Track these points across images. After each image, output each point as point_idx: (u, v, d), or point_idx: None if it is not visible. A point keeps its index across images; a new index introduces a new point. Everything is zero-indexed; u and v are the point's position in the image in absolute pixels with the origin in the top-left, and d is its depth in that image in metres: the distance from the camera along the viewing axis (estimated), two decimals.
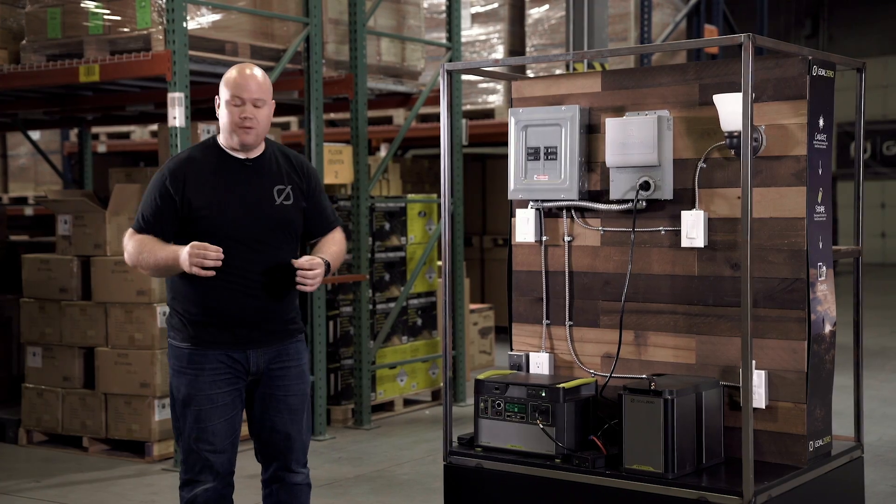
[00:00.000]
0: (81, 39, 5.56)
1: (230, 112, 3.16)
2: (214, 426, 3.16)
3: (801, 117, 3.35)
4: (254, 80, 3.17)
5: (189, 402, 3.16)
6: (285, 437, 3.26)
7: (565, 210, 3.79)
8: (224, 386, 3.17)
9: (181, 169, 3.16)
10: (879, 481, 4.73)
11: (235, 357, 3.17)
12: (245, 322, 3.16)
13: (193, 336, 3.16)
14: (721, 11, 9.85)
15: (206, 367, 3.15)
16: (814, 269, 3.38)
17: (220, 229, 3.11)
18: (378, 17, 6.60)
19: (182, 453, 3.21)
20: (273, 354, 3.22)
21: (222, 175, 3.17)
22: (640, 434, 3.27)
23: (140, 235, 3.14)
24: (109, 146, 10.69)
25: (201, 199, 3.12)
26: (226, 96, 3.17)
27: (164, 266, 3.10)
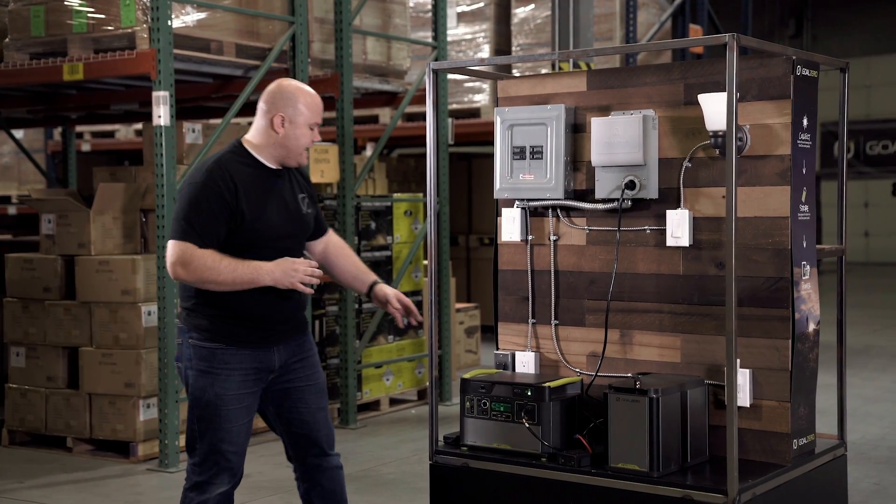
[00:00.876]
0: (65, 38, 5.53)
1: (306, 134, 3.18)
2: (239, 427, 3.15)
3: (785, 117, 3.37)
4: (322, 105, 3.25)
5: (218, 402, 3.12)
6: (315, 425, 3.31)
7: (551, 209, 3.80)
8: (252, 386, 3.18)
9: (231, 178, 3.09)
10: (862, 479, 4.76)
11: (262, 356, 3.18)
12: (278, 321, 3.20)
13: (224, 335, 3.13)
14: (706, 11, 9.88)
15: (236, 367, 3.14)
16: (798, 268, 3.40)
17: (262, 238, 3.13)
18: (364, 15, 6.60)
19: (200, 455, 3.14)
20: (293, 348, 3.27)
21: (262, 185, 3.17)
22: (625, 433, 3.28)
23: (203, 251, 3.02)
24: (94, 145, 10.64)
25: (251, 209, 3.11)
26: (306, 119, 3.18)
27: (243, 283, 3.06)
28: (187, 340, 3.17)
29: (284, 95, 3.17)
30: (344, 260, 3.43)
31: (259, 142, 3.19)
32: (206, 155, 5.50)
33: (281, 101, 3.17)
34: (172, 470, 5.11)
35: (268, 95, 3.20)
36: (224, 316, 3.14)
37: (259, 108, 3.21)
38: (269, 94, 3.20)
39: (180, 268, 3.03)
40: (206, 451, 3.14)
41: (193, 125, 5.74)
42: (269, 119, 3.17)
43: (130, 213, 5.72)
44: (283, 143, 3.17)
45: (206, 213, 3.04)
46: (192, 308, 3.17)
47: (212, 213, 3.04)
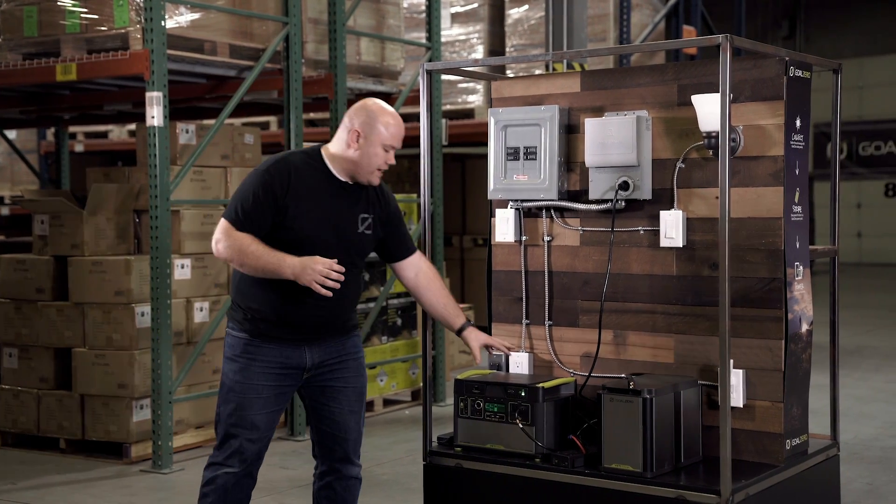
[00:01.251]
0: (58, 38, 5.51)
1: (379, 154, 3.23)
2: (254, 416, 3.24)
3: (778, 118, 3.37)
4: (403, 130, 3.29)
5: (235, 388, 3.24)
6: (343, 428, 3.36)
7: (545, 210, 3.80)
8: (272, 380, 3.25)
9: (287, 173, 3.18)
10: (855, 479, 4.77)
11: (289, 353, 3.25)
12: (306, 325, 3.26)
13: (252, 329, 3.24)
14: (699, 12, 9.90)
15: (258, 359, 3.24)
16: (791, 268, 3.41)
17: (303, 243, 3.18)
18: (358, 16, 6.59)
19: (218, 437, 3.29)
20: (329, 348, 3.31)
21: (320, 191, 3.23)
22: (618, 433, 3.28)
23: (241, 234, 3.15)
24: (87, 146, 10.61)
25: (297, 208, 3.18)
26: (383, 140, 3.23)
27: (267, 271, 3.13)
28: (227, 331, 3.33)
29: (367, 113, 3.24)
30: (433, 294, 3.47)
31: (334, 152, 3.28)
32: (199, 156, 5.49)
33: (362, 118, 3.24)
34: (166, 471, 5.10)
35: (353, 110, 3.28)
36: (257, 311, 3.23)
37: (343, 121, 3.30)
38: (353, 110, 3.28)
39: (217, 244, 3.18)
40: (222, 433, 3.27)
41: (187, 126, 5.73)
42: (347, 133, 3.25)
43: (124, 213, 5.71)
44: (355, 158, 3.24)
45: (253, 200, 3.16)
46: (236, 301, 3.30)
47: (258, 201, 3.15)
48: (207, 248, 5.74)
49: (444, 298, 3.49)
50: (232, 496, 3.27)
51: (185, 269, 5.61)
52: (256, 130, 6.31)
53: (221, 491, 3.25)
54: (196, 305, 5.64)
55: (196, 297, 5.67)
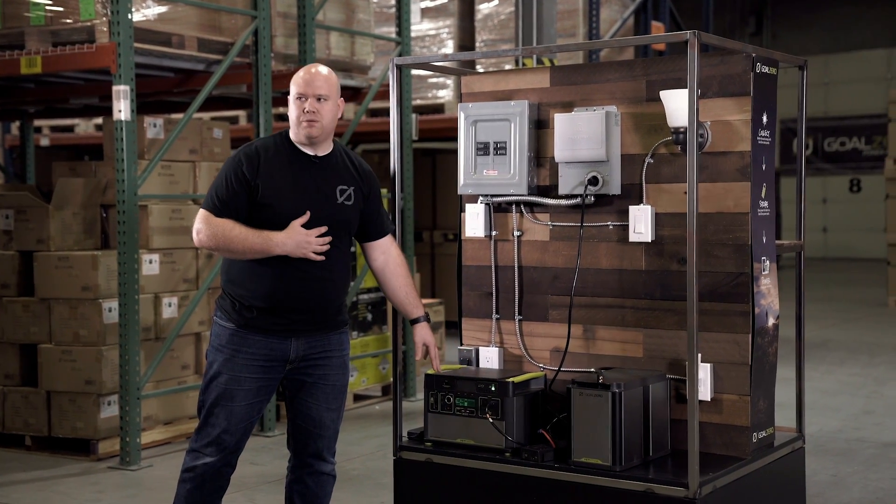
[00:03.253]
0: (23, 30, 5.44)
1: (295, 106, 3.28)
2: (234, 406, 3.25)
3: (745, 113, 3.40)
4: (318, 76, 3.29)
5: (217, 377, 3.26)
6: (319, 424, 3.36)
7: (515, 205, 3.81)
8: (256, 372, 3.25)
9: (255, 155, 3.24)
10: (820, 471, 4.84)
11: (275, 345, 3.25)
12: (296, 310, 3.25)
13: (238, 319, 3.24)
14: (667, 8, 9.96)
15: (242, 350, 3.24)
16: (758, 263, 3.44)
17: (282, 219, 3.20)
18: (327, 10, 6.57)
19: (199, 424, 3.30)
20: (315, 342, 3.31)
21: (290, 168, 3.26)
22: (588, 427, 3.30)
23: (221, 220, 3.18)
24: (53, 139, 10.49)
25: (268, 188, 3.21)
26: (292, 92, 3.30)
27: (254, 251, 3.17)
28: (214, 319, 3.33)
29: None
30: (397, 281, 3.48)
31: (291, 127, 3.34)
32: (167, 150, 5.45)
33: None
34: (134, 468, 5.06)
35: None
36: (247, 298, 3.23)
37: None
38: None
39: (197, 234, 3.22)
40: (202, 421, 3.29)
41: (155, 120, 5.68)
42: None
43: (91, 208, 5.65)
44: (291, 120, 3.30)
45: (227, 186, 3.21)
46: (225, 291, 3.31)
47: (230, 186, 3.20)
48: (176, 243, 5.71)
49: (406, 287, 3.49)
50: (210, 484, 3.29)
51: (154, 264, 5.56)
52: (225, 125, 6.27)
53: (199, 480, 3.27)
54: (164, 301, 5.60)
55: (164, 292, 5.63)
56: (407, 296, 3.49)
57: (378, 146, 10.51)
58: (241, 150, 3.29)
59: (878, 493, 4.50)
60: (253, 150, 3.27)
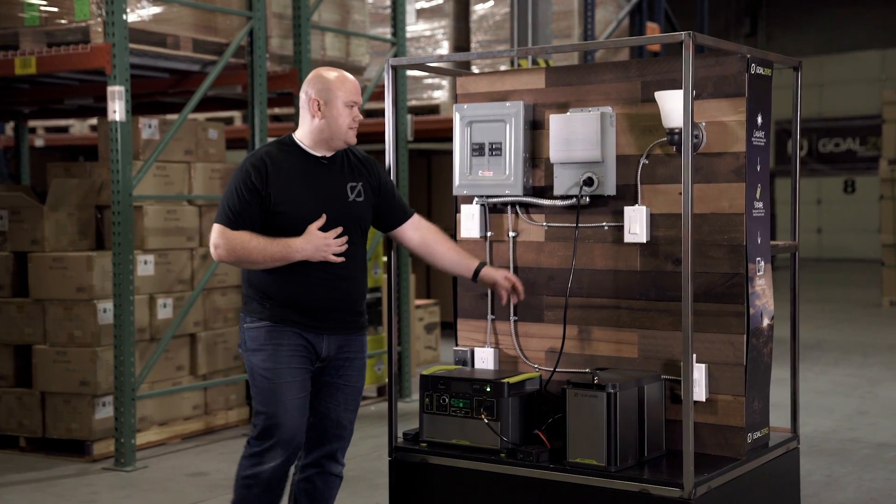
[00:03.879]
0: (17, 31, 5.43)
1: (344, 114, 3.29)
2: (293, 401, 3.24)
3: (740, 114, 3.41)
4: (358, 85, 3.35)
5: (271, 376, 3.23)
6: (337, 425, 3.38)
7: (510, 206, 3.81)
8: (301, 363, 3.27)
9: (262, 164, 3.23)
10: (814, 471, 4.85)
11: (309, 339, 3.27)
12: (320, 310, 3.27)
13: (272, 315, 3.24)
14: (663, 10, 9.97)
15: (283, 343, 3.25)
16: (752, 263, 3.45)
17: (298, 224, 3.21)
18: (322, 11, 6.57)
19: (258, 429, 3.26)
20: (342, 343, 3.33)
21: (301, 172, 3.27)
22: (583, 428, 3.31)
23: (237, 232, 3.18)
24: (47, 140, 10.48)
25: (281, 194, 3.22)
26: (342, 98, 3.28)
27: (275, 259, 3.18)
28: (243, 326, 3.31)
29: (318, 81, 3.30)
30: (444, 245, 3.53)
31: (304, 131, 3.32)
32: (162, 151, 5.45)
33: (314, 87, 3.29)
34: (129, 469, 5.06)
35: (305, 84, 3.33)
36: (273, 300, 3.25)
37: (300, 101, 3.35)
38: (306, 83, 3.32)
39: (215, 249, 3.21)
40: (262, 424, 3.25)
41: (150, 120, 5.67)
42: (307, 107, 3.30)
43: (85, 209, 5.64)
44: (324, 126, 3.28)
45: (239, 197, 3.20)
46: (249, 295, 3.30)
47: (243, 197, 3.20)
48: (171, 243, 5.70)
49: (453, 248, 3.54)
50: (277, 486, 3.29)
51: (149, 265, 5.56)
52: (220, 126, 6.27)
53: (266, 484, 3.26)
54: (159, 302, 5.60)
55: (159, 293, 5.62)
56: (458, 254, 3.54)
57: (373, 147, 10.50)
58: (247, 160, 3.28)
59: (872, 494, 4.51)
60: (259, 159, 3.25)
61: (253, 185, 3.20)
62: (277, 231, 3.21)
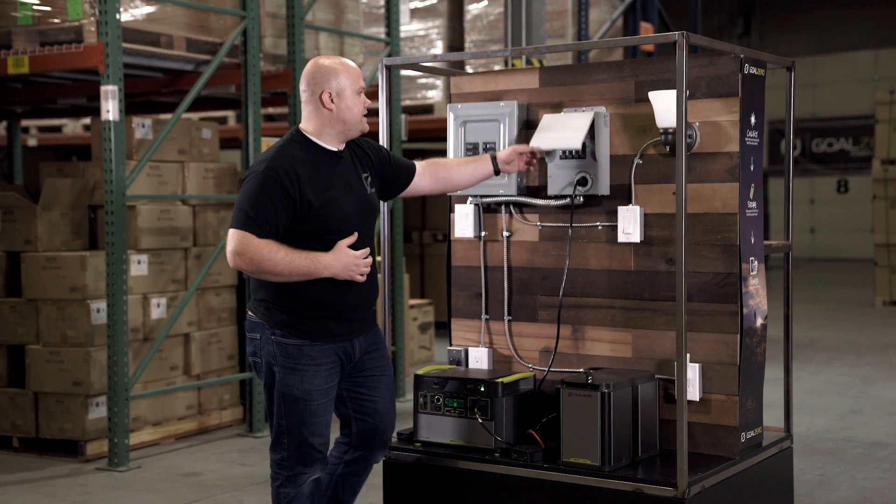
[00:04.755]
0: (9, 30, 5.42)
1: (357, 102, 3.17)
2: (326, 419, 3.19)
3: (733, 114, 3.42)
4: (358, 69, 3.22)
5: (307, 398, 3.12)
6: (387, 415, 3.35)
7: (504, 205, 3.81)
8: (336, 378, 3.21)
9: (292, 167, 3.06)
10: (807, 470, 4.86)
11: (346, 349, 3.21)
12: (354, 309, 3.19)
13: (309, 332, 3.12)
14: (656, 10, 9.98)
15: (323, 363, 3.14)
16: (746, 263, 3.45)
17: (332, 224, 3.11)
18: (316, 11, 6.56)
19: (288, 450, 3.15)
20: (370, 339, 3.29)
21: (325, 170, 3.15)
22: (577, 427, 3.31)
23: (263, 241, 3.00)
24: (40, 140, 10.45)
25: (318, 196, 3.07)
26: (354, 87, 3.16)
27: (301, 274, 3.04)
28: (269, 337, 3.13)
29: (323, 72, 3.15)
30: (454, 170, 3.49)
31: (315, 127, 3.17)
32: (156, 150, 5.44)
33: (322, 78, 3.14)
34: (122, 469, 5.05)
35: (307, 77, 3.17)
36: (304, 310, 3.11)
37: (302, 94, 3.18)
38: (307, 76, 3.17)
39: (237, 257, 3.02)
40: (296, 446, 3.15)
41: (143, 120, 5.66)
42: (316, 99, 3.15)
43: (79, 209, 5.63)
44: (339, 117, 3.15)
45: (266, 203, 3.02)
46: (270, 301, 3.13)
47: (271, 203, 3.02)
48: (164, 243, 5.69)
49: (461, 165, 3.50)
50: (319, 495, 3.23)
51: (142, 264, 5.55)
52: (214, 125, 6.26)
53: (311, 498, 3.19)
54: (153, 301, 5.59)
55: (153, 293, 5.61)
56: (467, 162, 3.50)
57: None
58: (270, 163, 3.06)
59: (866, 493, 4.52)
60: (286, 160, 3.07)
61: (285, 192, 3.02)
62: (310, 232, 3.07)
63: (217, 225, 5.96)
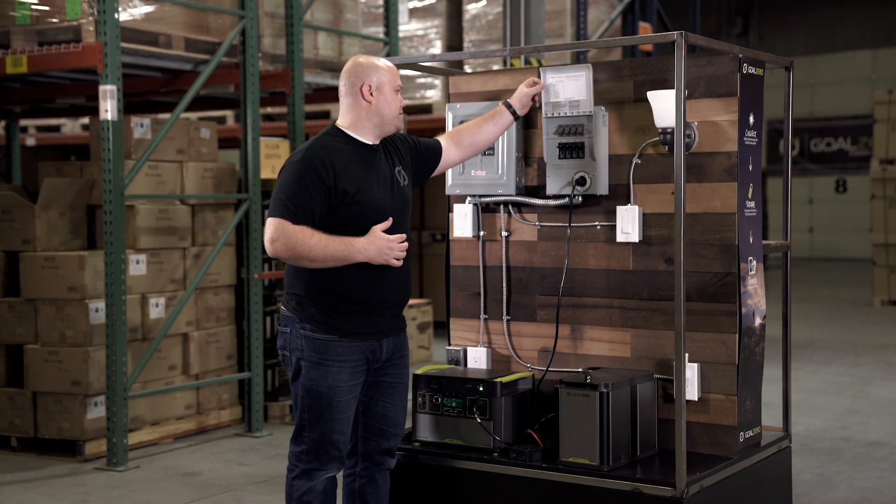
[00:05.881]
0: (8, 29, 5.41)
1: (395, 98, 3.22)
2: (348, 417, 3.18)
3: (732, 114, 3.42)
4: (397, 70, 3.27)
5: (332, 394, 3.13)
6: (394, 423, 3.33)
7: (503, 205, 3.81)
8: (361, 376, 3.20)
9: (327, 157, 3.11)
10: (806, 470, 4.86)
11: (373, 347, 3.20)
12: (385, 304, 3.19)
13: (339, 327, 3.13)
14: (655, 9, 9.98)
15: (349, 360, 3.15)
16: (744, 263, 3.46)
17: (366, 214, 3.13)
18: (315, 10, 6.56)
19: (308, 443, 3.17)
20: (397, 343, 3.28)
21: (361, 162, 3.17)
22: (575, 427, 3.31)
23: (297, 227, 3.04)
24: (39, 139, 10.45)
25: (353, 186, 3.11)
26: (393, 84, 3.22)
27: (335, 259, 3.06)
28: (298, 331, 3.16)
29: (364, 67, 3.21)
30: (476, 130, 3.51)
31: (352, 120, 3.21)
32: (154, 150, 5.43)
33: (363, 72, 3.20)
34: (121, 469, 5.05)
35: (347, 74, 3.23)
36: (336, 305, 3.13)
37: (342, 88, 3.23)
38: (348, 73, 3.23)
39: (274, 243, 3.05)
40: (316, 440, 3.16)
41: (142, 120, 5.66)
42: (356, 92, 3.20)
43: (77, 208, 5.63)
44: (376, 111, 3.20)
45: (301, 190, 3.06)
46: (303, 295, 3.16)
47: (306, 191, 3.06)
48: (163, 243, 5.69)
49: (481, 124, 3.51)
50: (332, 493, 3.24)
51: (141, 264, 5.55)
52: (213, 125, 6.25)
53: (323, 496, 3.20)
54: (152, 301, 5.59)
55: (152, 292, 5.61)
56: (485, 120, 3.52)
57: None
58: (306, 154, 3.12)
59: (864, 492, 4.53)
60: (322, 151, 3.12)
61: (320, 178, 3.06)
62: (346, 223, 3.10)
63: (216, 224, 5.96)
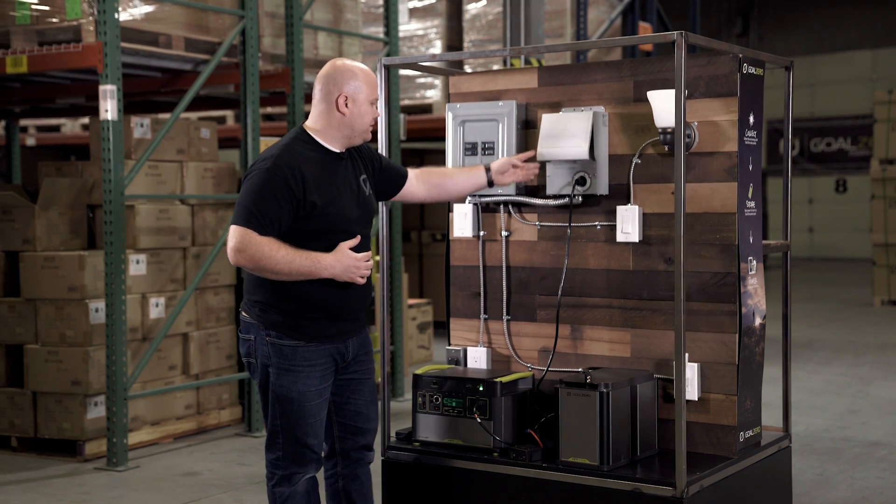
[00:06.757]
0: (8, 29, 5.41)
1: (369, 111, 3.17)
2: (321, 419, 3.18)
3: (732, 114, 3.42)
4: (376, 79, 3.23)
5: (302, 399, 3.12)
6: (367, 418, 3.33)
7: (503, 205, 3.81)
8: (330, 378, 3.20)
9: (297, 166, 3.05)
10: (806, 469, 4.86)
11: (340, 349, 3.20)
12: (349, 311, 3.19)
13: (304, 333, 3.11)
14: (655, 9, 9.98)
15: (317, 364, 3.14)
16: (745, 263, 3.46)
17: (334, 224, 3.10)
18: (315, 10, 6.56)
19: (283, 450, 3.16)
20: (361, 340, 3.29)
21: (329, 171, 3.14)
22: (575, 427, 3.31)
23: (264, 239, 2.98)
24: (39, 139, 10.45)
25: (321, 196, 3.07)
26: (370, 96, 3.16)
27: (301, 274, 3.03)
28: (263, 338, 3.13)
29: (343, 74, 3.14)
30: (448, 176, 3.50)
31: (322, 126, 3.16)
32: (154, 150, 5.44)
33: (341, 80, 3.13)
34: (121, 469, 5.05)
35: (325, 78, 3.15)
36: (300, 311, 3.11)
37: (316, 92, 3.16)
38: (326, 77, 3.15)
39: (238, 254, 3.00)
40: (290, 446, 3.15)
41: (142, 119, 5.66)
42: (331, 101, 3.14)
43: (77, 208, 5.63)
44: (348, 122, 3.15)
45: (270, 200, 3.01)
46: (265, 302, 3.12)
47: (275, 200, 3.01)
48: (163, 243, 5.69)
49: (455, 175, 3.50)
50: (314, 493, 3.24)
51: (141, 264, 5.55)
52: (213, 125, 6.26)
53: (306, 497, 3.20)
54: (152, 301, 5.59)
55: (152, 292, 5.61)
56: (460, 172, 3.51)
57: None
58: (274, 160, 3.05)
59: (864, 492, 4.53)
60: (291, 159, 3.06)
61: (288, 187, 3.01)
62: (313, 233, 3.06)
63: (216, 224, 5.96)
